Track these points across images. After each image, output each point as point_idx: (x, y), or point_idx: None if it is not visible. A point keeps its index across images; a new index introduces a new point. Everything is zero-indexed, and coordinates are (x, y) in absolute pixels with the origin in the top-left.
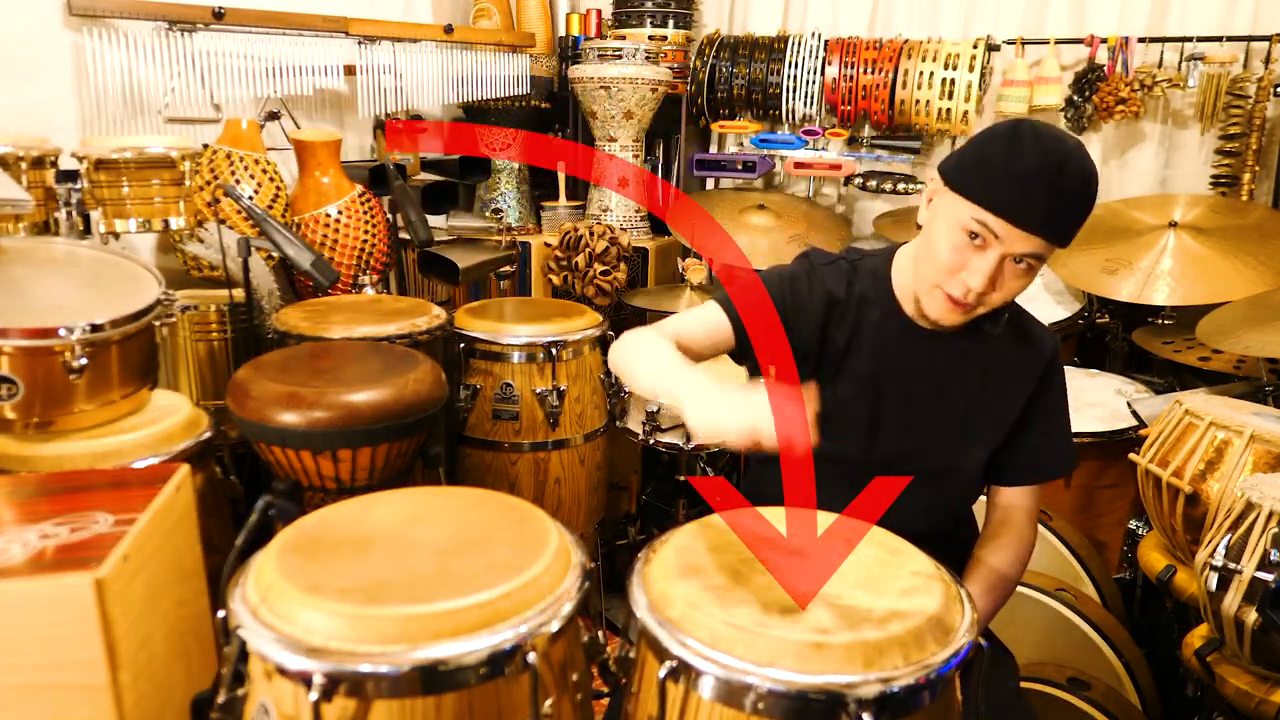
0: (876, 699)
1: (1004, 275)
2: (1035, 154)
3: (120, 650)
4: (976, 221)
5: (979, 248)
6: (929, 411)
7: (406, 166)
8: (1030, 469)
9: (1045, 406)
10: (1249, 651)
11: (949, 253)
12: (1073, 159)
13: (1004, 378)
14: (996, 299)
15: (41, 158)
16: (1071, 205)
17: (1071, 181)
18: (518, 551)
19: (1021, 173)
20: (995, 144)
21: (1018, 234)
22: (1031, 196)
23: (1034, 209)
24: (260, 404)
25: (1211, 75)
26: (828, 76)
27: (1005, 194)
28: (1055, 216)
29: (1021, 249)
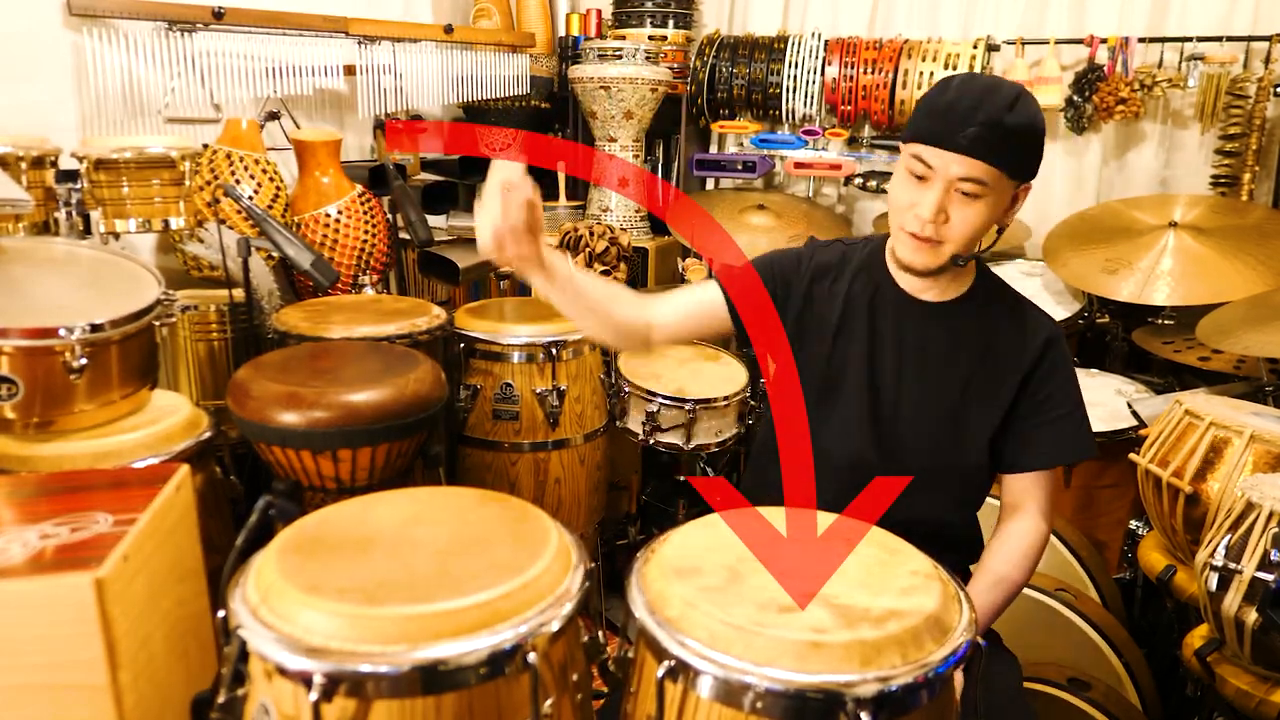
0: (874, 698)
1: (952, 203)
2: (959, 86)
3: (120, 650)
4: (913, 157)
5: (923, 181)
6: (923, 384)
7: (406, 166)
8: (1033, 454)
9: (1046, 390)
10: (1249, 651)
11: (901, 193)
12: (1002, 88)
13: (998, 357)
14: (956, 232)
15: (41, 158)
16: (1002, 126)
17: (998, 102)
18: (518, 551)
19: (946, 101)
20: (930, 90)
21: (948, 157)
22: (955, 120)
23: (959, 131)
24: (260, 404)
25: (1211, 75)
26: (828, 76)
27: (932, 123)
28: (983, 136)
29: (958, 172)
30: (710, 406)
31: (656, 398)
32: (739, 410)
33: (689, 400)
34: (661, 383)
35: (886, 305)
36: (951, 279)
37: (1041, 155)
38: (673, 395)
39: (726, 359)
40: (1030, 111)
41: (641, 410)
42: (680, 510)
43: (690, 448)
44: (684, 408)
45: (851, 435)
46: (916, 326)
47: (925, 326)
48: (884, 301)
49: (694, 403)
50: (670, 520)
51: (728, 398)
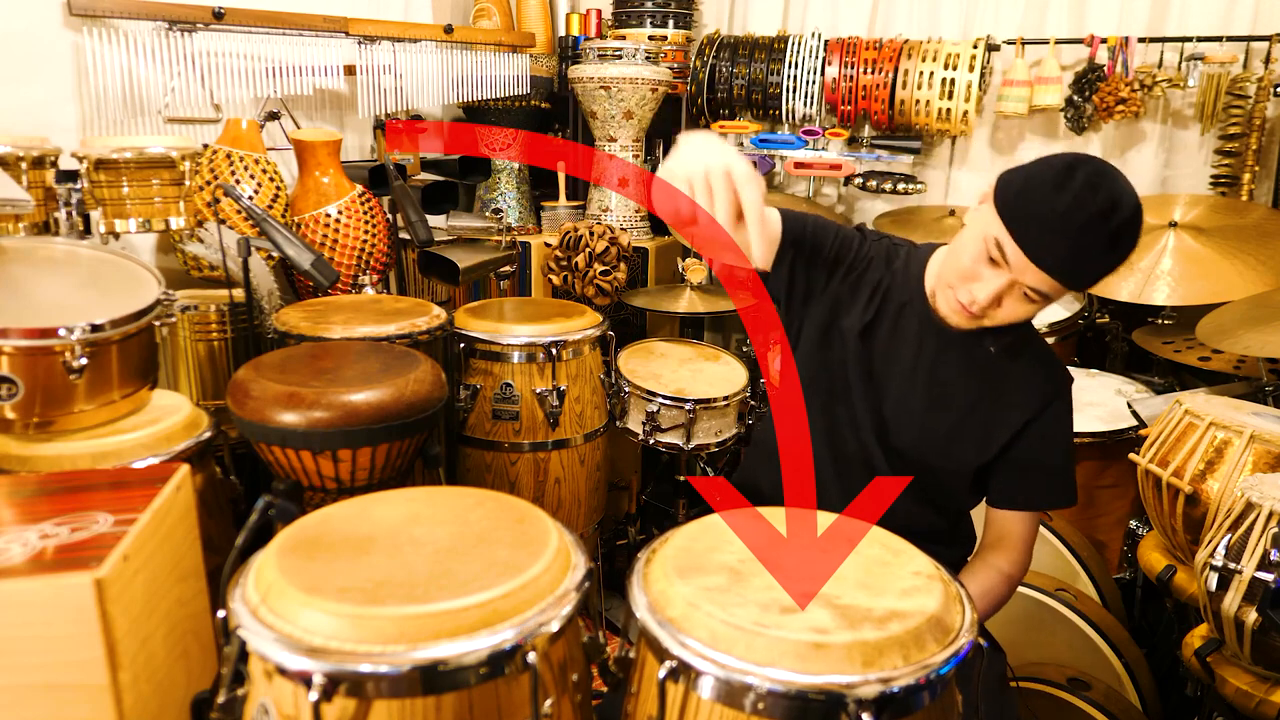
0: (876, 699)
1: (1011, 298)
2: (1075, 199)
3: (120, 650)
4: (996, 242)
5: (994, 265)
6: (925, 404)
7: (406, 166)
8: (1021, 494)
9: (1044, 436)
10: (1249, 651)
11: (968, 260)
12: (1113, 215)
13: (1005, 395)
14: (1001, 317)
15: (41, 158)
16: (1095, 259)
17: (1101, 237)
18: (518, 551)
19: (1053, 213)
20: (1045, 174)
21: (1031, 268)
22: (1055, 239)
23: (1054, 251)
24: (260, 404)
25: (1211, 75)
26: (828, 76)
27: (1031, 228)
28: (1074, 264)
29: (1031, 282)
30: (710, 406)
31: (656, 398)
32: (739, 410)
33: (689, 400)
34: (661, 383)
35: (912, 319)
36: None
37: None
38: (673, 395)
39: (726, 359)
40: (1129, 246)
41: (641, 410)
42: (680, 510)
43: (690, 448)
44: (684, 408)
45: (856, 435)
46: (935, 348)
47: (943, 350)
48: (911, 315)
49: (694, 403)
50: (670, 520)
51: (728, 398)
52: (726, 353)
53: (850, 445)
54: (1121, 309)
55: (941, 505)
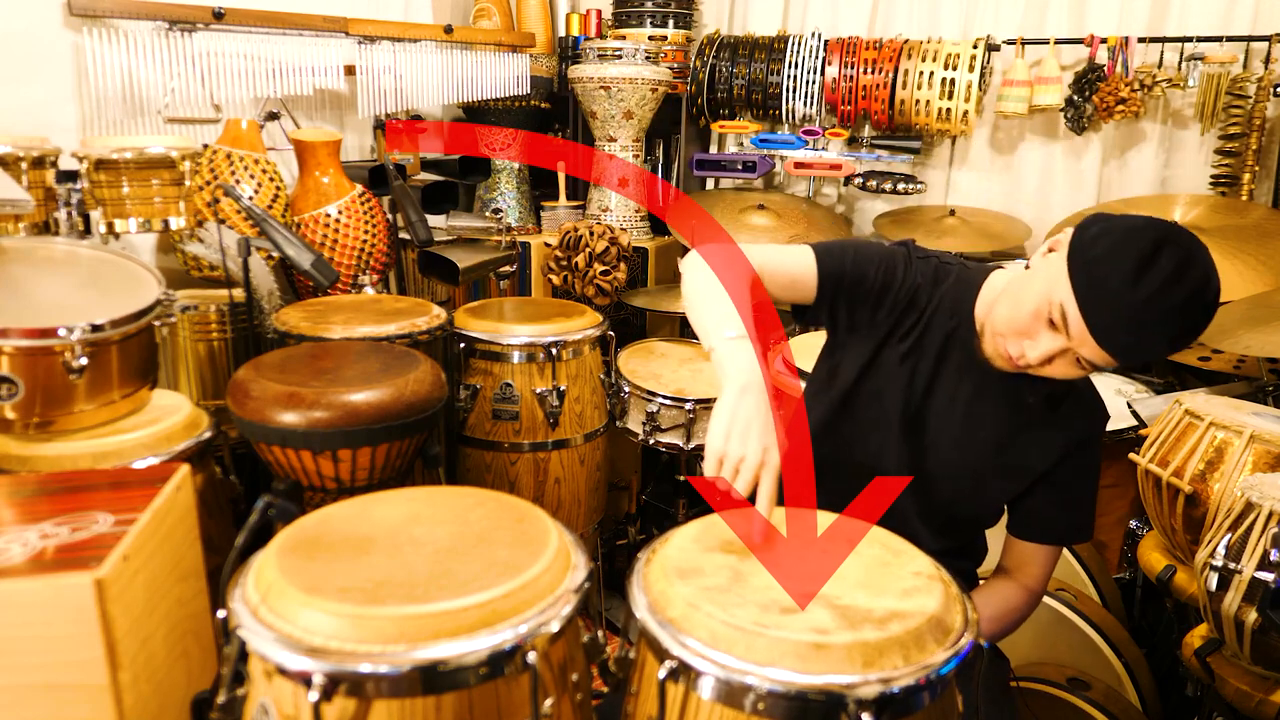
0: (876, 699)
1: (1063, 361)
2: (1157, 292)
3: (120, 650)
4: (1061, 308)
5: (1053, 328)
6: (959, 434)
7: (406, 166)
8: (1045, 529)
9: (1072, 474)
10: (1249, 651)
11: (1027, 315)
12: (1191, 310)
13: (1038, 436)
14: (1049, 373)
15: (41, 158)
16: (1162, 346)
17: (1172, 327)
18: (518, 551)
19: (1129, 303)
20: (1128, 253)
21: (1092, 344)
22: (1126, 327)
23: (1123, 338)
24: (260, 404)
25: (1211, 75)
26: (828, 76)
27: (1104, 311)
28: (1139, 350)
29: (1089, 355)
30: (710, 406)
31: (656, 398)
32: None
33: (689, 400)
34: (661, 383)
35: (955, 349)
36: None
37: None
38: (673, 395)
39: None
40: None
41: (641, 410)
42: (680, 510)
43: (690, 448)
44: (684, 408)
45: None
46: (975, 382)
47: (983, 385)
48: (955, 345)
49: (694, 403)
50: (670, 520)
51: None
52: None
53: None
54: None
55: (960, 531)
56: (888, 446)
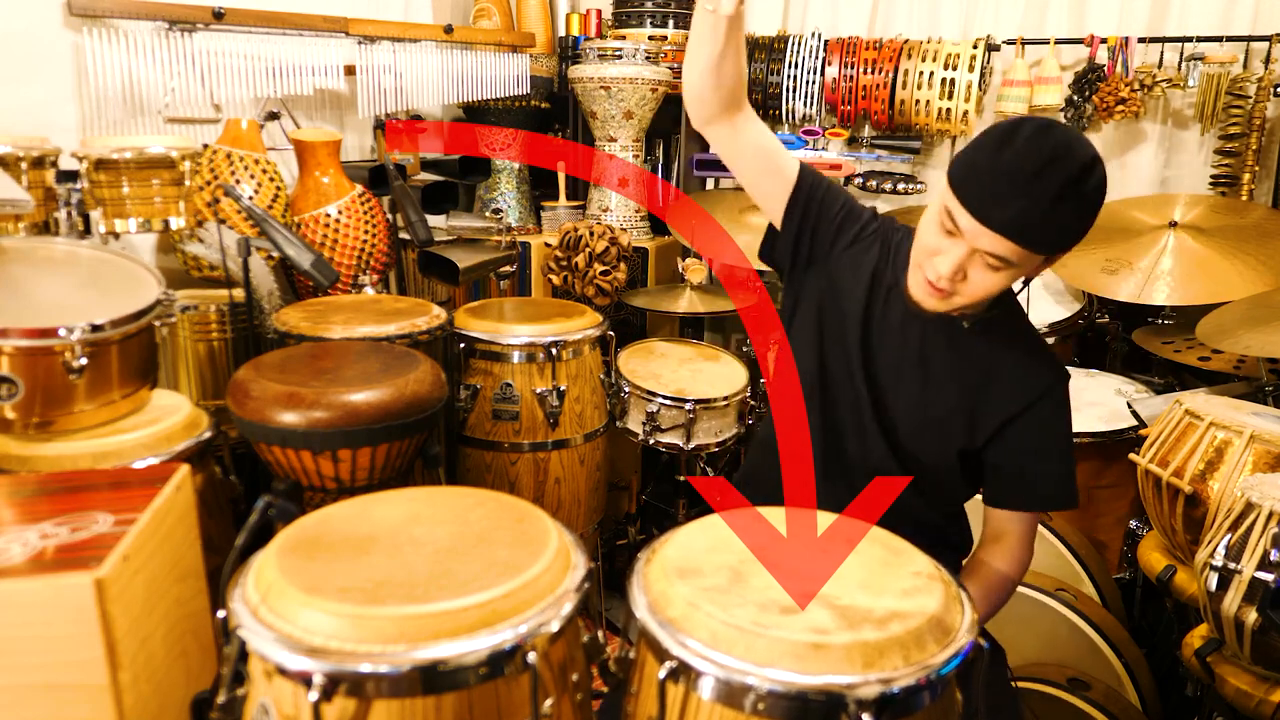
0: (876, 699)
1: (974, 268)
2: (1018, 153)
3: (120, 650)
4: (947, 210)
5: (951, 235)
6: (917, 391)
7: (406, 166)
8: (1015, 495)
9: (1034, 434)
10: (1249, 651)
11: (929, 235)
12: (1060, 164)
13: (992, 390)
14: (970, 292)
15: (41, 158)
16: (1047, 214)
17: (1048, 188)
18: (518, 551)
19: (996, 169)
20: (990, 136)
21: (984, 232)
22: (999, 196)
23: (1001, 209)
24: (260, 404)
25: (1211, 75)
26: (828, 76)
27: (975, 188)
28: (1024, 221)
29: (988, 247)
30: (710, 406)
31: (656, 398)
32: (739, 410)
33: (689, 400)
34: (661, 383)
35: (898, 302)
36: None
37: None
38: (673, 395)
39: (726, 359)
40: (1088, 197)
41: (641, 410)
42: (680, 510)
43: (690, 448)
44: (684, 408)
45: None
46: (922, 333)
47: (931, 336)
48: (897, 298)
49: (694, 403)
50: (670, 520)
51: (728, 398)
52: (726, 353)
53: (848, 426)
54: (1121, 309)
55: (933, 496)
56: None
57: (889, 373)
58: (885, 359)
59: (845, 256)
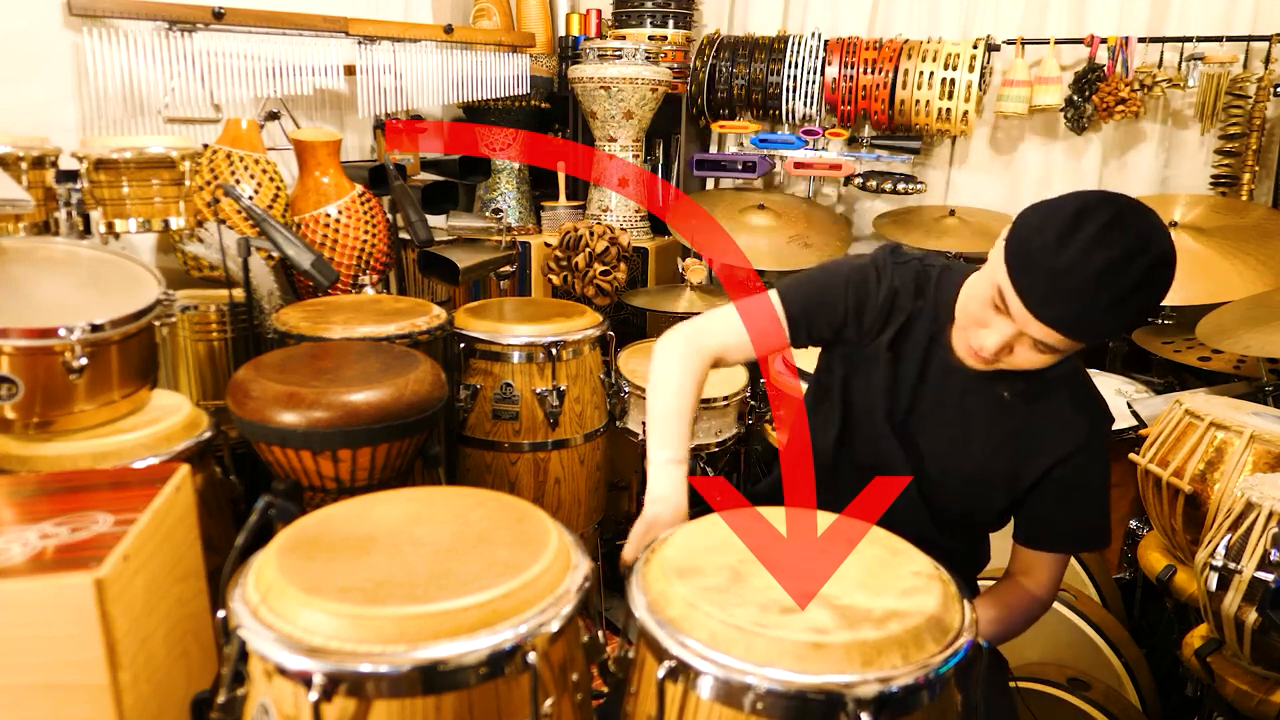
0: (875, 699)
1: (1022, 347)
2: (1079, 255)
3: (120, 650)
4: (999, 290)
5: (999, 312)
6: (954, 438)
7: (406, 166)
8: (1049, 537)
9: (1073, 480)
10: (1249, 651)
11: (978, 304)
12: (1123, 271)
13: (1033, 439)
14: (1016, 363)
15: (41, 158)
16: (1105, 316)
17: (1108, 294)
18: (518, 552)
19: (1054, 269)
20: (1052, 221)
21: (1032, 320)
22: (1057, 294)
23: (1057, 308)
24: (260, 404)
25: (1211, 75)
26: (828, 76)
27: (1031, 280)
28: (1080, 322)
29: (1036, 334)
30: (710, 406)
31: None
32: (739, 410)
33: None
34: None
35: (939, 355)
36: None
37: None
38: None
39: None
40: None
41: (641, 410)
42: None
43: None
44: None
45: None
46: (960, 388)
47: (968, 390)
48: (938, 350)
49: None
50: None
51: (728, 398)
52: None
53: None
54: None
55: (964, 534)
56: (886, 450)
57: (929, 422)
58: (925, 409)
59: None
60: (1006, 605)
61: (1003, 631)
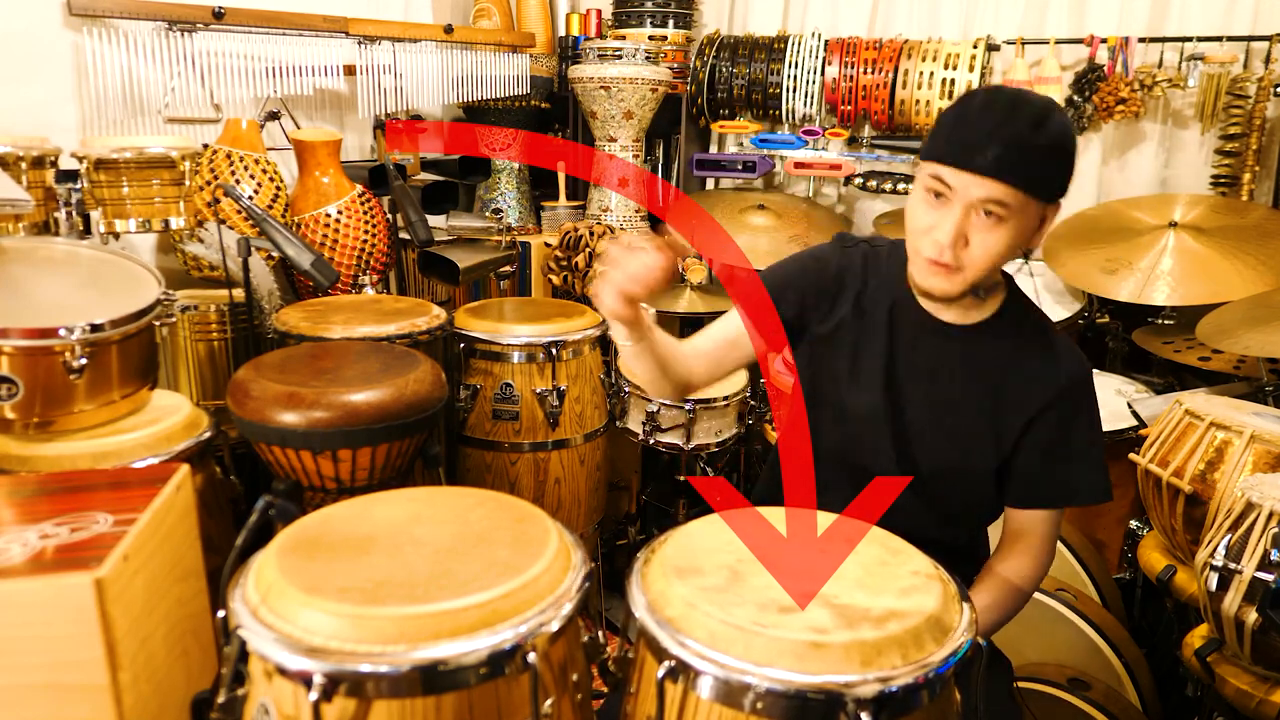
0: (875, 698)
1: (974, 230)
2: (982, 100)
3: (120, 650)
4: (932, 177)
5: (943, 204)
6: (934, 407)
7: (406, 166)
8: (1032, 491)
9: (1060, 431)
10: (1249, 651)
11: (919, 215)
12: (1028, 103)
13: (1013, 391)
14: (975, 259)
15: (41, 158)
16: (1026, 144)
17: (1022, 119)
18: (518, 551)
19: (967, 120)
20: (949, 107)
21: (968, 179)
22: (977, 139)
23: (980, 150)
24: (260, 404)
25: (1211, 75)
26: (828, 76)
27: (952, 142)
28: (1007, 156)
29: (978, 194)
30: (710, 406)
31: (656, 398)
32: (739, 410)
33: (689, 400)
34: None
35: (904, 322)
36: (974, 301)
37: (1072, 172)
38: None
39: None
40: (1058, 128)
41: (641, 410)
42: (680, 510)
43: (690, 448)
44: (684, 408)
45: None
46: (932, 348)
47: (941, 349)
48: (902, 317)
49: (694, 403)
50: (670, 520)
51: (728, 398)
52: None
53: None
54: (1121, 309)
55: (959, 517)
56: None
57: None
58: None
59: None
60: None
61: (1005, 610)
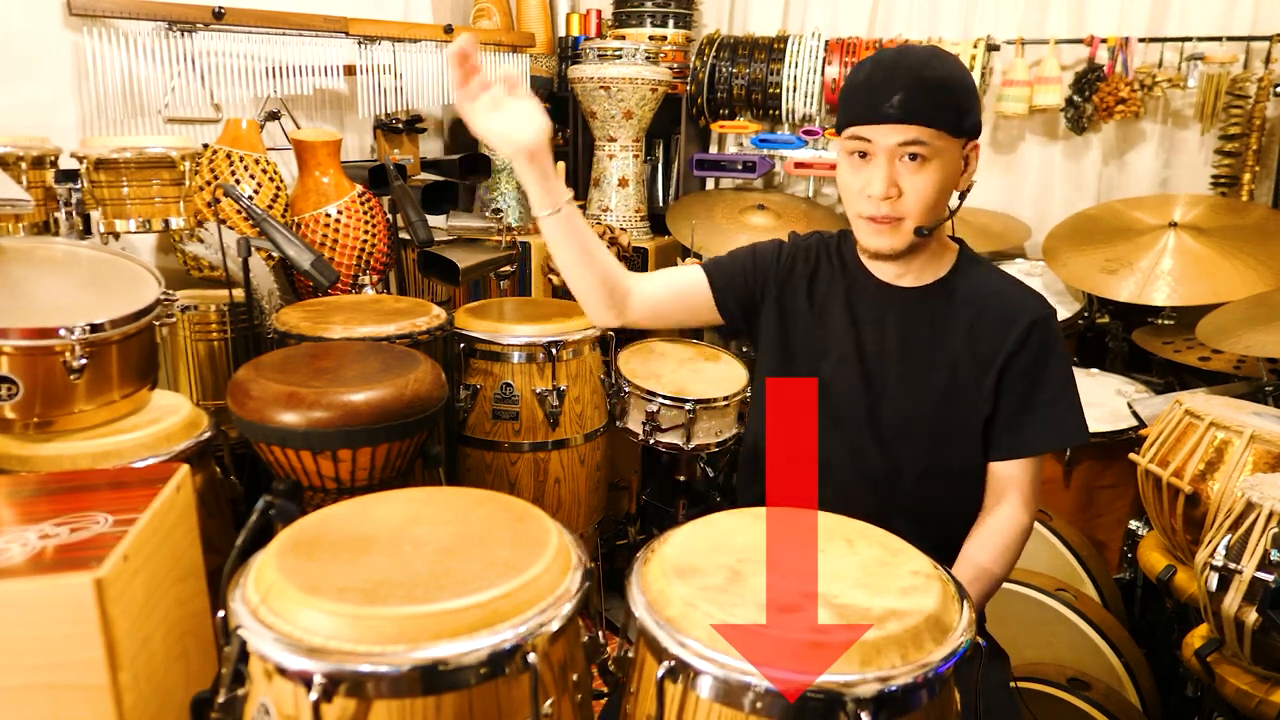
0: (874, 698)
1: (900, 175)
2: (875, 61)
3: (120, 650)
4: (851, 139)
5: (868, 161)
6: (910, 374)
7: (406, 166)
8: (1017, 440)
9: (1031, 374)
10: (1249, 651)
11: (850, 180)
12: (912, 51)
13: (981, 341)
14: (911, 203)
15: (41, 158)
16: (923, 85)
17: (912, 65)
18: (518, 551)
19: (864, 78)
20: (848, 75)
21: (883, 129)
22: (880, 92)
23: (885, 99)
24: (260, 404)
25: (1211, 75)
26: (828, 76)
27: (859, 103)
28: (909, 99)
29: (895, 139)
30: (710, 406)
31: (656, 398)
32: (739, 410)
33: (689, 400)
34: (661, 383)
35: (865, 295)
36: (927, 261)
37: (978, 109)
38: (673, 395)
39: (726, 359)
40: (947, 65)
41: (641, 410)
42: (680, 510)
43: (690, 448)
44: (684, 408)
45: (845, 427)
46: (897, 314)
47: (906, 313)
48: (862, 292)
49: (694, 403)
50: (670, 520)
51: (728, 398)
52: (726, 353)
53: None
54: (1121, 309)
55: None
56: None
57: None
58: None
59: (784, 288)
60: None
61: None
